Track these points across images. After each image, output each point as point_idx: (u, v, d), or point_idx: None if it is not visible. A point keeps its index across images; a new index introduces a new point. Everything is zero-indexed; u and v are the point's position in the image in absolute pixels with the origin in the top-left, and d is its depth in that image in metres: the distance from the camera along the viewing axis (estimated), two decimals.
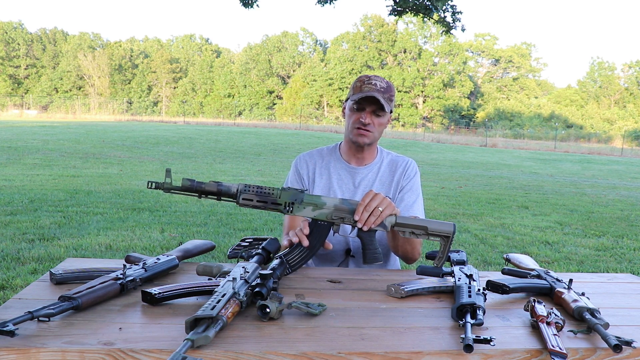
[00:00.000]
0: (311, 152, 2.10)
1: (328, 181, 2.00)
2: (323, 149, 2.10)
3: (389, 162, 2.04)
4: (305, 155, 2.08)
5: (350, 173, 2.00)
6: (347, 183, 1.99)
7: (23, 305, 1.19)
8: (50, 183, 8.20)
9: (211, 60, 58.45)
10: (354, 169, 2.00)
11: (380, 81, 1.89)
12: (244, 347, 1.04)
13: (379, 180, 2.00)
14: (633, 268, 4.87)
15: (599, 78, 52.37)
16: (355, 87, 1.90)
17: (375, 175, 2.00)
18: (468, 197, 8.92)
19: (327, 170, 2.03)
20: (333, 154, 2.06)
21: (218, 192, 1.47)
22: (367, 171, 2.00)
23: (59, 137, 17.70)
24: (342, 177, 2.00)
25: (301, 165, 2.05)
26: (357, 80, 1.91)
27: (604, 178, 14.52)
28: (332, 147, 2.09)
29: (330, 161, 2.04)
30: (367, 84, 1.87)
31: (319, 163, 2.04)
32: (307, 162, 2.05)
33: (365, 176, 2.00)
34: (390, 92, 1.89)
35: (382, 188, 1.99)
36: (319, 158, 2.06)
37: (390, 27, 48.86)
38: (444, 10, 9.35)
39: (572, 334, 1.19)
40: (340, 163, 2.03)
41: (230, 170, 11.66)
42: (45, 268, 3.89)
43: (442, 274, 1.53)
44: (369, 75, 1.92)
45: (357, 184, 1.99)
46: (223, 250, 4.55)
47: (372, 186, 1.98)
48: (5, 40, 54.68)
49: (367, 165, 2.01)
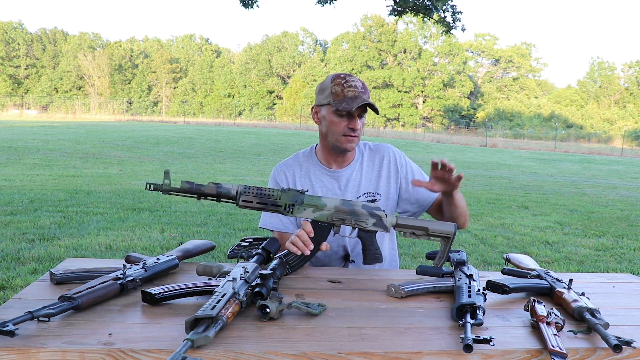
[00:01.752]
0: (287, 161, 2.00)
1: (311, 190, 1.90)
2: (299, 155, 2.00)
3: (368, 155, 1.98)
4: (282, 166, 1.99)
5: (333, 177, 1.93)
6: (332, 188, 1.92)
7: (23, 305, 1.19)
8: (50, 183, 8.19)
9: (211, 60, 58.42)
10: (335, 172, 1.93)
11: (357, 81, 1.82)
12: (244, 347, 1.04)
13: (365, 177, 1.94)
14: (633, 268, 4.87)
15: (599, 78, 52.34)
16: (335, 92, 1.79)
17: (359, 173, 1.94)
18: (468, 197, 8.92)
19: (308, 179, 1.94)
20: (310, 159, 1.97)
21: (217, 194, 1.47)
22: (350, 171, 1.94)
23: (59, 137, 17.69)
24: (326, 183, 1.93)
25: (280, 177, 1.96)
26: (333, 84, 1.81)
27: (604, 178, 14.52)
28: (308, 152, 2.00)
29: (309, 168, 1.95)
30: (347, 87, 1.79)
31: (298, 172, 1.95)
32: (285, 173, 1.96)
33: (350, 176, 1.93)
34: (367, 90, 1.83)
35: (370, 185, 1.94)
36: (296, 167, 1.96)
37: (390, 27, 48.83)
38: (444, 10, 9.35)
39: (572, 334, 1.19)
40: (319, 169, 1.95)
41: (230, 170, 11.65)
42: (45, 268, 3.89)
43: (442, 274, 1.53)
44: (342, 76, 1.82)
45: (343, 187, 1.92)
46: (223, 250, 4.55)
47: (359, 185, 1.92)
48: (5, 40, 54.66)
49: (348, 165, 1.94)
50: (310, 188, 1.92)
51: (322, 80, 1.91)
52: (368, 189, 1.93)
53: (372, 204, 1.59)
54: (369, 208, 1.57)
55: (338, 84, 1.80)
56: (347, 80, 1.80)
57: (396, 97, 48.69)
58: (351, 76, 1.83)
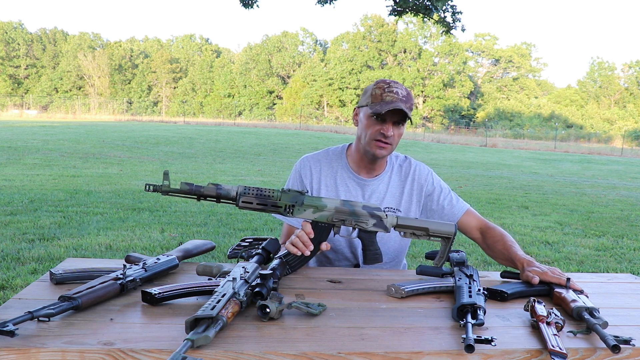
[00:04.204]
0: (317, 154, 1.96)
1: (335, 193, 1.89)
2: (329, 152, 1.97)
3: (397, 170, 1.95)
4: (310, 159, 1.94)
5: (359, 185, 1.90)
6: (356, 196, 1.89)
7: (23, 305, 1.19)
8: (50, 183, 8.19)
9: (211, 60, 58.41)
10: (363, 180, 1.90)
11: (401, 89, 1.77)
12: (244, 347, 1.04)
13: (390, 192, 1.91)
14: (633, 268, 4.87)
15: (599, 78, 52.33)
16: (374, 94, 1.76)
17: (385, 186, 1.91)
18: (468, 197, 8.92)
19: (333, 180, 1.91)
20: (340, 160, 1.93)
21: (217, 195, 1.46)
22: (378, 183, 1.91)
23: (59, 137, 17.69)
24: (350, 189, 1.90)
25: (305, 171, 1.93)
26: (375, 87, 1.78)
27: (604, 178, 14.52)
28: (339, 151, 1.96)
29: (337, 170, 1.92)
30: (388, 92, 1.74)
31: (325, 171, 1.92)
32: (311, 169, 1.92)
33: (376, 188, 1.90)
34: (410, 100, 1.78)
35: (393, 200, 1.91)
36: (325, 163, 1.93)
37: (390, 27, 48.84)
38: (444, 10, 9.36)
39: (571, 334, 1.19)
40: (347, 173, 1.91)
41: (230, 170, 11.65)
42: (45, 268, 3.89)
43: (442, 274, 1.53)
44: (387, 81, 1.78)
45: (367, 197, 1.89)
46: (223, 250, 4.55)
47: (383, 198, 1.89)
48: (5, 40, 54.64)
49: (377, 176, 1.91)
50: (334, 190, 1.90)
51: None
52: (391, 203, 1.90)
53: (373, 204, 1.59)
54: (370, 209, 1.57)
55: (380, 87, 1.77)
56: (390, 85, 1.77)
57: None
58: (397, 83, 1.79)
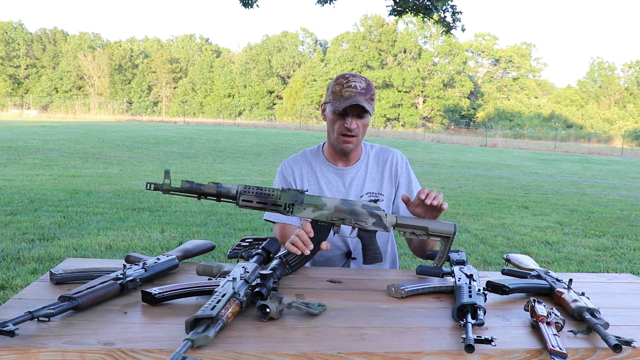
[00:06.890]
0: (295, 157, 2.05)
1: (317, 186, 1.96)
2: (306, 152, 2.05)
3: (374, 156, 2.02)
4: (290, 161, 2.03)
5: (338, 175, 1.97)
6: (337, 185, 1.96)
7: (23, 305, 1.19)
8: (50, 183, 8.19)
9: (211, 60, 58.41)
10: (341, 170, 1.97)
11: (359, 81, 1.81)
12: (244, 347, 1.04)
13: (369, 177, 1.98)
14: (633, 268, 4.87)
15: (599, 78, 52.33)
16: (335, 91, 1.82)
17: (364, 172, 1.98)
18: (468, 197, 8.92)
19: (314, 175, 1.98)
20: (317, 156, 2.02)
21: (217, 193, 1.47)
22: (356, 170, 1.98)
23: (59, 137, 17.69)
24: (331, 180, 1.97)
25: (287, 172, 2.01)
26: (335, 84, 1.84)
27: (604, 178, 14.51)
28: (315, 150, 2.05)
29: (316, 165, 2.00)
30: (346, 87, 1.80)
31: (305, 168, 2.00)
32: (292, 169, 2.00)
33: (355, 175, 1.97)
34: (370, 91, 1.82)
35: (373, 185, 1.97)
36: (304, 162, 2.01)
37: (390, 27, 48.82)
38: (444, 10, 9.35)
39: (572, 334, 1.19)
40: (326, 166, 1.99)
41: (230, 170, 11.65)
42: (45, 268, 3.89)
43: (442, 274, 1.53)
44: (346, 76, 1.83)
45: (347, 185, 1.96)
46: (223, 250, 4.55)
47: (362, 184, 1.96)
48: (5, 40, 54.64)
49: (354, 164, 1.98)
50: (315, 184, 1.97)
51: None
52: (371, 189, 1.96)
53: (372, 204, 1.59)
54: (369, 208, 1.57)
55: (339, 83, 1.82)
56: (348, 80, 1.81)
57: (396, 97, 48.70)
58: (355, 76, 1.83)
